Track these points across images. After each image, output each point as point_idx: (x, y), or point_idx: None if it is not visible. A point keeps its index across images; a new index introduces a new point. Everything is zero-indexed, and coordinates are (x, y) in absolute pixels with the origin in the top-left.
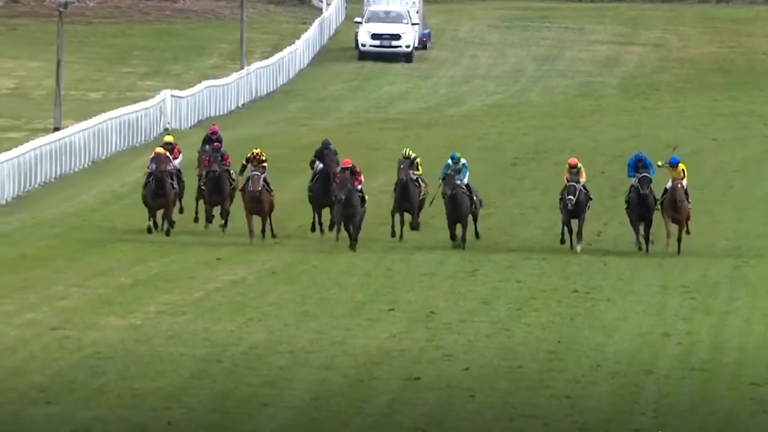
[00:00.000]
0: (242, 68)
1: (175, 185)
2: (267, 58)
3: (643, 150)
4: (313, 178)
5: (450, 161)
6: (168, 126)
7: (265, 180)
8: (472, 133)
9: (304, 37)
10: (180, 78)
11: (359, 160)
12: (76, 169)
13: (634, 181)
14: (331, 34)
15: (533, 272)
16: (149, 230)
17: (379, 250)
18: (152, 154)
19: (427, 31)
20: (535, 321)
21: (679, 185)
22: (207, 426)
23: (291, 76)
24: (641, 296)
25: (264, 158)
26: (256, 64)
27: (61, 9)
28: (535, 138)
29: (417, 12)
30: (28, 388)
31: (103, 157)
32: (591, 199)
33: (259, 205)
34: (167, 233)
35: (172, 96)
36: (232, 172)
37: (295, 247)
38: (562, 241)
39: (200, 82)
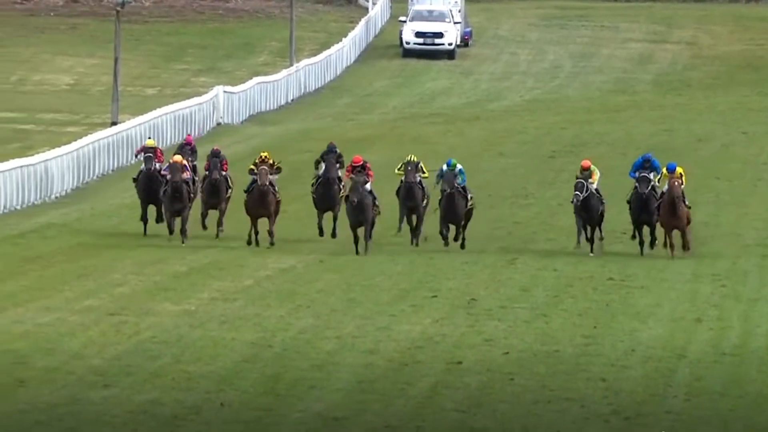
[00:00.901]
0: (291, 65)
1: (192, 192)
2: (315, 55)
3: (677, 143)
4: (315, 182)
5: (445, 167)
6: (221, 120)
7: (271, 183)
8: (512, 127)
9: (351, 35)
10: (232, 74)
11: (403, 153)
12: (133, 162)
13: (635, 180)
14: (377, 32)
15: (570, 261)
16: (171, 232)
17: (422, 239)
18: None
19: (468, 30)
20: (572, 307)
21: (676, 183)
22: (258, 407)
23: (338, 73)
24: (674, 284)
25: (272, 162)
26: (304, 61)
27: (118, 8)
28: (572, 132)
29: (459, 11)
30: (87, 372)
31: None
32: (603, 203)
33: (264, 205)
34: (182, 237)
35: (225, 92)
36: (229, 178)
37: (342, 237)
38: (579, 244)
39: (251, 78)
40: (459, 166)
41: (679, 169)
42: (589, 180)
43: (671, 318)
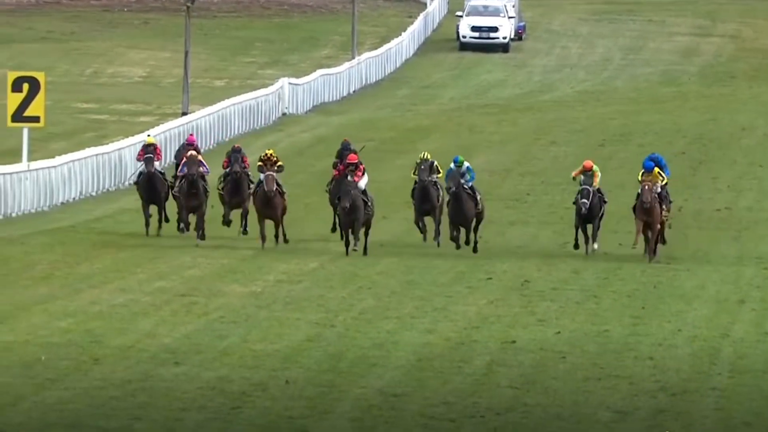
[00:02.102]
0: (353, 58)
1: (208, 188)
2: (376, 48)
3: (721, 132)
4: (331, 180)
5: (453, 165)
6: (286, 110)
7: (277, 182)
8: (563, 117)
9: (410, 29)
10: (297, 67)
11: (460, 142)
12: (202, 151)
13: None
14: (435, 26)
15: (620, 242)
16: (181, 231)
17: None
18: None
19: (522, 24)
20: (621, 289)
21: (647, 187)
22: (321, 384)
23: (398, 65)
24: (718, 266)
25: (276, 159)
26: (366, 55)
27: (188, 4)
28: (621, 121)
29: (513, 6)
30: (159, 350)
31: (227, 139)
32: (606, 202)
33: (272, 208)
34: (201, 236)
35: (290, 83)
36: (250, 174)
37: (402, 220)
38: (576, 246)
39: (315, 70)
40: (466, 164)
41: (656, 169)
42: (592, 182)
43: (716, 299)
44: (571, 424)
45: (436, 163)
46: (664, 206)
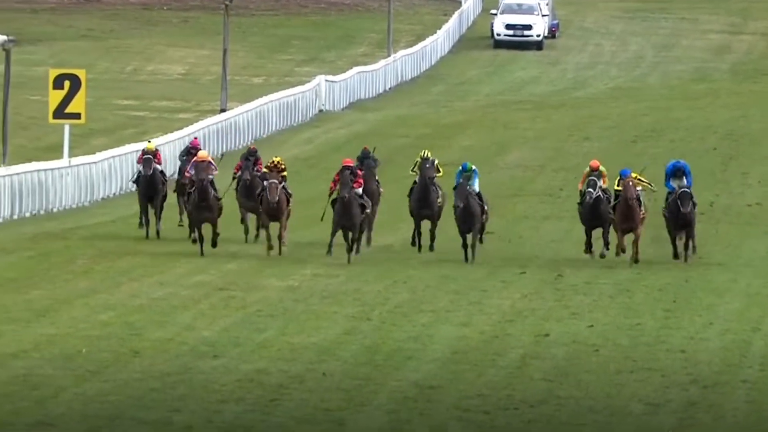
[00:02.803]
0: (389, 56)
1: (218, 194)
2: (411, 46)
3: (752, 128)
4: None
5: (461, 170)
6: (323, 107)
7: (284, 188)
8: (596, 113)
9: (445, 27)
10: (333, 64)
11: (495, 138)
12: (240, 147)
13: (673, 191)
14: (469, 24)
15: (652, 238)
16: (194, 241)
17: (512, 219)
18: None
19: (555, 22)
20: (653, 283)
21: (630, 183)
22: (357, 377)
23: (433, 63)
24: (750, 261)
25: (284, 167)
26: (401, 52)
27: (227, 2)
28: (653, 118)
29: (547, 4)
30: (198, 343)
31: (264, 135)
32: (611, 203)
33: (274, 214)
34: (213, 244)
35: (327, 81)
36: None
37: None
38: (587, 250)
39: (351, 68)
40: (474, 168)
41: (633, 173)
42: (599, 182)
43: (746, 293)
44: (604, 416)
45: (437, 161)
46: (642, 208)
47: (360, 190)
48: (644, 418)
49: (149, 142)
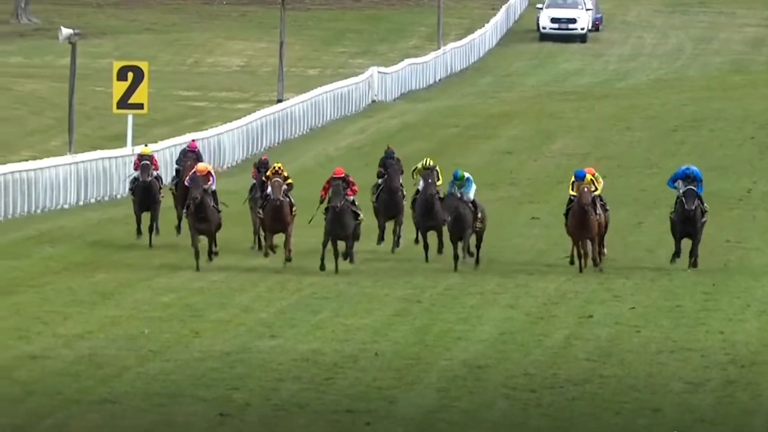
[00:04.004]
0: (439, 48)
1: (219, 207)
2: (460, 39)
3: None
4: (377, 190)
5: (453, 179)
6: (375, 98)
7: (287, 194)
8: (638, 104)
9: (493, 21)
10: (385, 56)
11: (540, 128)
12: (296, 136)
13: (679, 193)
14: (516, 18)
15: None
16: (196, 255)
17: (556, 205)
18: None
19: (599, 16)
20: None
21: (586, 189)
22: (408, 356)
23: (481, 55)
24: None
25: (286, 174)
26: (451, 45)
27: None
28: (693, 108)
29: None
30: (256, 324)
31: (319, 125)
32: (608, 210)
33: (279, 219)
34: (210, 257)
35: (379, 72)
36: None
37: (486, 202)
38: (572, 261)
39: (403, 60)
40: (467, 175)
41: (588, 177)
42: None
43: None
44: (645, 395)
45: (437, 168)
46: (599, 213)
47: (352, 198)
48: (684, 396)
49: (145, 146)
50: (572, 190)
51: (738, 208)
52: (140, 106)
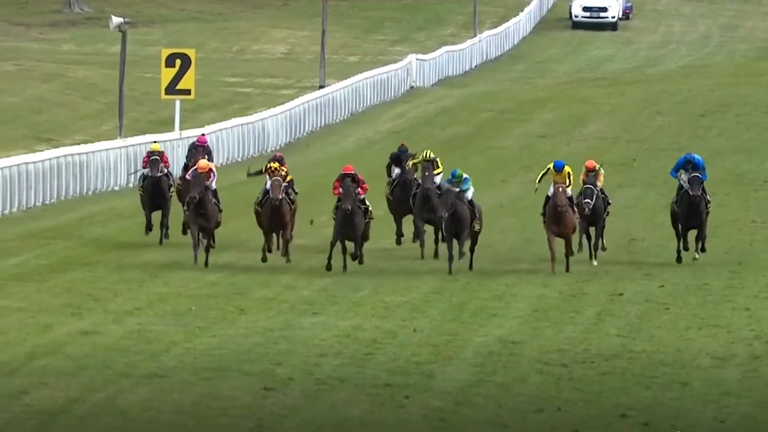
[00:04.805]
0: (475, 36)
1: (219, 205)
2: (495, 27)
3: None
4: (391, 186)
5: (451, 177)
6: (413, 84)
7: (287, 192)
8: (667, 89)
9: (527, 9)
10: (423, 44)
11: (572, 112)
12: (337, 120)
13: (683, 181)
14: (549, 7)
15: (719, 203)
16: (195, 248)
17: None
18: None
19: (629, 5)
20: (720, 246)
21: (560, 189)
22: (445, 332)
23: (515, 43)
24: None
25: (283, 172)
26: (486, 33)
27: None
28: (720, 93)
29: None
30: (298, 301)
31: (360, 110)
32: (610, 203)
33: (277, 219)
34: (206, 255)
35: (417, 59)
36: (294, 186)
37: (519, 184)
38: (579, 249)
39: (440, 47)
40: (465, 176)
41: (567, 168)
42: (596, 183)
43: None
44: (674, 369)
45: (438, 160)
46: (575, 209)
47: (363, 196)
48: (711, 371)
49: (155, 142)
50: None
51: (763, 189)
52: (188, 91)
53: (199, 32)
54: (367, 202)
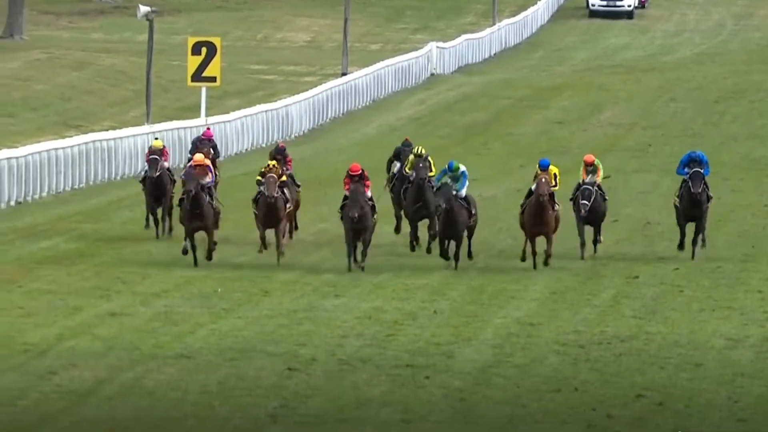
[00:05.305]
0: (494, 24)
1: (215, 203)
2: (514, 16)
3: None
4: (391, 180)
5: (447, 169)
6: (434, 71)
7: (282, 190)
8: (682, 77)
9: None
10: (443, 32)
11: (589, 99)
12: (360, 107)
13: (685, 176)
14: None
15: (733, 189)
16: (184, 251)
17: (605, 170)
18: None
19: None
20: (733, 230)
21: (543, 180)
22: (465, 314)
23: (534, 31)
24: None
25: (280, 173)
26: (505, 21)
27: None
28: (734, 80)
29: None
30: (321, 284)
31: (381, 97)
32: (606, 200)
33: (273, 215)
34: (209, 256)
35: (437, 47)
36: (293, 177)
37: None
38: (582, 253)
39: (460, 35)
40: (462, 168)
41: (553, 168)
42: (595, 178)
43: None
44: (688, 350)
45: (430, 158)
46: (557, 206)
47: (369, 192)
48: (724, 352)
49: (156, 139)
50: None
51: None
52: (213, 79)
53: (224, 21)
54: (374, 200)
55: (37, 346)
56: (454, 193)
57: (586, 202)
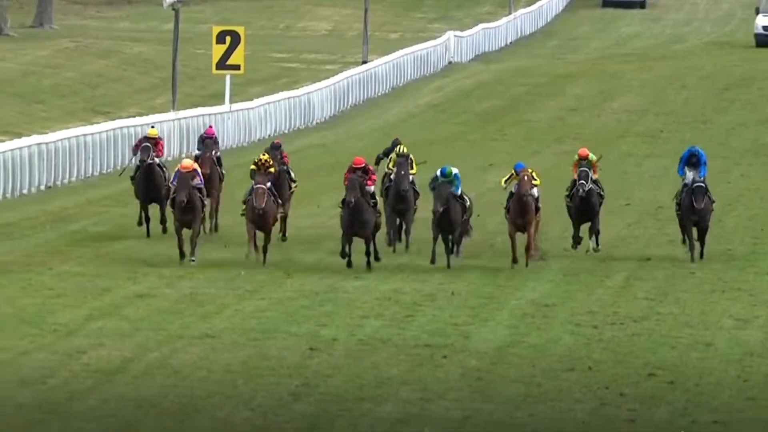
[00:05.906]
0: (510, 14)
1: (205, 202)
2: (530, 5)
3: None
4: (383, 178)
5: (438, 174)
6: (451, 59)
7: (272, 193)
8: (692, 65)
9: None
10: (461, 21)
11: (602, 87)
12: (379, 94)
13: (687, 184)
14: None
15: (743, 173)
16: (181, 246)
17: (618, 156)
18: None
19: None
20: (743, 213)
21: (526, 177)
22: (482, 295)
23: (549, 20)
24: None
25: (271, 165)
26: (521, 11)
27: None
28: (743, 69)
29: None
30: (342, 266)
31: (401, 85)
32: (603, 197)
33: (262, 223)
34: (193, 251)
35: (455, 36)
36: (291, 171)
37: (552, 155)
38: (574, 246)
39: (477, 24)
40: (455, 171)
41: (528, 169)
42: (590, 172)
43: None
44: (699, 330)
45: (411, 156)
46: (540, 205)
47: (373, 189)
48: (734, 332)
49: (152, 127)
50: (504, 181)
51: None
52: (237, 67)
53: (248, 10)
54: (376, 197)
55: (66, 327)
56: (451, 189)
57: (584, 182)
